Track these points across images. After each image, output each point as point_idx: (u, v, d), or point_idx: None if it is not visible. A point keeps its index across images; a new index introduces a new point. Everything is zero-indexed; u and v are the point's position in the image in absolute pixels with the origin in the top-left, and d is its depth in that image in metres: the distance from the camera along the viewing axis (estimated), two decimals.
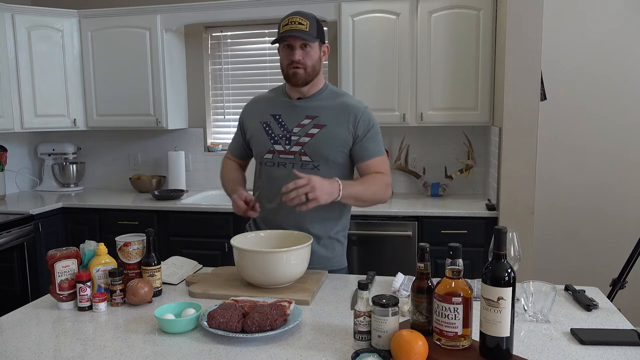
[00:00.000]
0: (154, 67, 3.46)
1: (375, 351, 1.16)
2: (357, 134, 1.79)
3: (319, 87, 1.83)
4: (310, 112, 1.80)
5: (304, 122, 1.79)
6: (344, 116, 1.79)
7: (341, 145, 1.79)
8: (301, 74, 1.74)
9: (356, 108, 1.80)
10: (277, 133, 1.81)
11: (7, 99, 3.28)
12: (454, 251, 1.17)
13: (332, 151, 1.78)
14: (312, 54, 1.74)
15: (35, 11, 3.41)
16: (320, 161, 1.78)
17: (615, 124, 3.23)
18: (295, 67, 1.73)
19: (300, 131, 1.79)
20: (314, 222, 1.80)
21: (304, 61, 1.73)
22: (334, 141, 1.77)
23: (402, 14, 3.10)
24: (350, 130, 1.78)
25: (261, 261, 1.51)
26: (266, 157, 1.83)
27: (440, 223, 2.92)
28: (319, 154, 1.78)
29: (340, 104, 1.81)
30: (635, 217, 3.27)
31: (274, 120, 1.82)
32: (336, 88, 1.89)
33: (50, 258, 1.51)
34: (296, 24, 1.69)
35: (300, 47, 1.72)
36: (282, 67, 1.78)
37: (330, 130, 1.77)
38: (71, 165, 3.82)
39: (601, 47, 3.19)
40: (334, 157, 1.79)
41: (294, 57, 1.72)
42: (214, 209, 3.14)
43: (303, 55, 1.72)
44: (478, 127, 3.37)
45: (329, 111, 1.79)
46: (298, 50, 1.72)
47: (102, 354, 1.22)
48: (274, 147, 1.81)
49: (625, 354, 1.18)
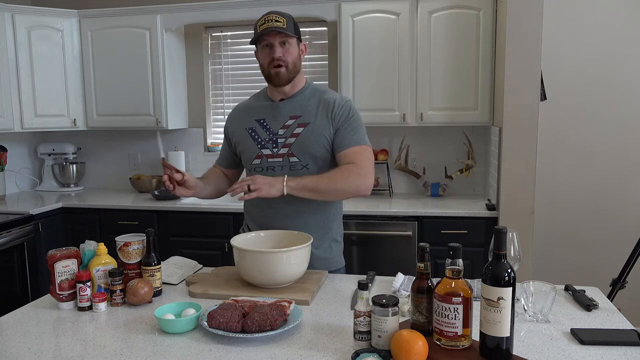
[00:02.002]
0: (154, 67, 3.46)
1: (375, 351, 1.16)
2: (336, 125, 1.75)
3: (300, 86, 1.82)
4: (294, 112, 1.78)
5: (288, 123, 1.78)
6: (324, 110, 1.77)
7: (325, 141, 1.75)
8: (283, 73, 1.73)
9: (333, 100, 1.78)
10: (264, 137, 1.79)
11: (7, 99, 3.28)
12: (454, 251, 1.17)
13: (318, 148, 1.75)
14: (291, 50, 1.74)
15: (35, 11, 3.41)
16: (309, 160, 1.76)
17: (615, 124, 3.23)
18: (277, 65, 1.72)
19: (286, 132, 1.77)
20: (308, 228, 1.76)
21: (284, 58, 1.72)
22: (318, 137, 1.75)
23: (402, 14, 3.10)
24: (330, 123, 1.75)
25: (261, 261, 1.51)
26: (255, 163, 1.80)
27: (440, 223, 2.92)
28: (306, 153, 1.75)
29: (321, 100, 1.79)
30: (635, 217, 3.27)
31: (259, 124, 1.81)
32: (318, 86, 1.88)
33: (50, 258, 1.51)
34: (273, 22, 1.69)
35: (280, 44, 1.71)
36: (263, 68, 1.78)
37: (314, 127, 1.75)
38: (71, 165, 3.82)
39: (601, 47, 3.19)
40: (321, 154, 1.76)
41: (275, 54, 1.71)
42: (214, 209, 3.14)
43: (283, 52, 1.72)
44: (478, 127, 3.37)
45: (312, 108, 1.78)
46: (278, 48, 1.71)
47: (102, 354, 1.22)
48: (262, 152, 1.79)
49: (625, 354, 1.18)
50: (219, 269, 1.80)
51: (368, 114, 3.15)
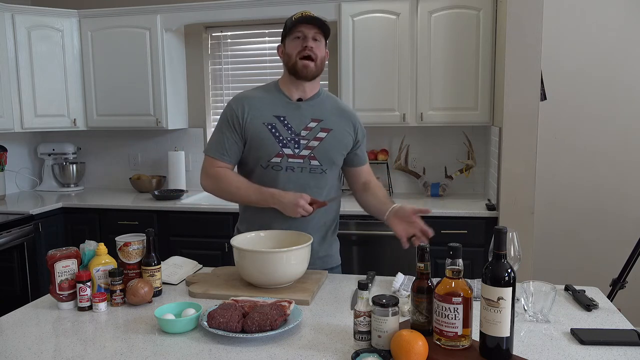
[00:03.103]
0: (154, 67, 3.46)
1: (375, 351, 1.16)
2: (357, 139, 1.84)
3: (317, 89, 1.82)
4: (315, 115, 1.78)
5: (310, 125, 1.76)
6: (345, 121, 1.81)
7: (344, 150, 1.82)
8: (312, 66, 1.71)
9: (353, 115, 1.86)
10: (285, 136, 1.74)
11: (7, 99, 3.28)
12: (454, 251, 1.17)
13: (339, 155, 1.81)
14: (321, 48, 1.74)
15: (35, 11, 3.41)
16: (328, 165, 1.79)
17: (615, 124, 3.23)
18: (307, 56, 1.69)
19: (309, 134, 1.76)
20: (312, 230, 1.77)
21: (315, 52, 1.71)
22: (340, 146, 1.80)
23: (402, 14, 3.10)
24: (352, 136, 1.83)
25: (261, 261, 1.51)
26: (274, 161, 1.74)
27: (440, 223, 2.91)
28: (328, 159, 1.78)
29: (338, 108, 1.84)
30: (635, 217, 3.27)
31: (279, 122, 1.74)
32: (327, 91, 1.90)
33: (50, 258, 1.51)
34: (310, 15, 1.71)
35: (312, 38, 1.70)
36: (290, 59, 1.72)
37: (337, 134, 1.78)
38: (71, 165, 3.82)
39: (601, 47, 3.19)
40: (338, 161, 1.82)
41: (308, 43, 1.69)
42: (214, 209, 3.14)
43: (315, 46, 1.71)
44: (478, 127, 3.37)
45: (331, 115, 1.80)
46: (311, 40, 1.70)
47: (102, 354, 1.22)
48: (283, 151, 1.73)
49: (625, 354, 1.18)
50: (219, 269, 1.80)
51: (368, 114, 3.16)
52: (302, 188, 1.74)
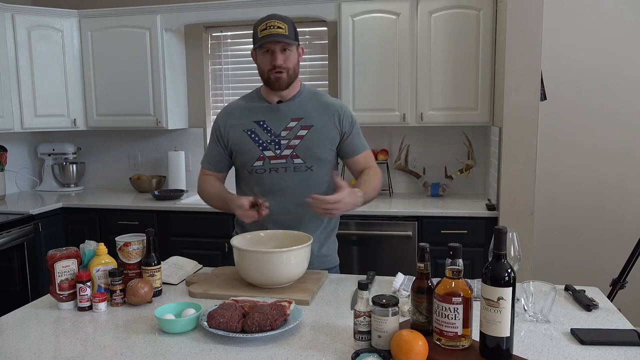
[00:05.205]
0: (154, 67, 3.46)
1: (375, 351, 1.16)
2: (343, 130, 1.83)
3: (297, 88, 1.84)
4: (295, 114, 1.80)
5: (290, 125, 1.79)
6: (327, 115, 1.81)
7: (330, 144, 1.82)
8: (284, 78, 1.74)
9: (337, 106, 1.85)
10: (265, 139, 1.79)
11: (7, 99, 3.28)
12: (454, 251, 1.17)
13: (323, 150, 1.80)
14: (292, 57, 1.75)
15: (35, 11, 3.41)
16: (313, 162, 1.79)
17: (615, 124, 3.23)
18: (278, 71, 1.72)
19: (289, 134, 1.78)
20: (309, 230, 1.80)
21: (286, 65, 1.73)
22: (323, 140, 1.80)
23: (402, 14, 3.10)
24: (337, 128, 1.82)
25: (261, 261, 1.51)
26: (256, 165, 1.80)
27: (440, 223, 2.92)
28: (312, 155, 1.79)
29: (321, 103, 1.84)
30: (635, 217, 3.27)
31: (258, 126, 1.80)
32: (312, 88, 1.90)
33: (50, 258, 1.51)
34: (275, 27, 1.68)
35: (281, 51, 1.71)
36: (262, 72, 1.77)
37: (318, 130, 1.79)
38: (71, 165, 3.82)
39: (601, 47, 3.19)
40: (325, 156, 1.81)
41: (277, 62, 1.71)
42: (213, 209, 3.13)
43: (284, 59, 1.72)
44: (478, 127, 3.37)
45: (313, 111, 1.81)
46: (280, 55, 1.71)
47: (102, 354, 1.22)
48: (264, 154, 1.79)
49: (625, 354, 1.18)
50: (219, 269, 1.80)
51: (368, 114, 3.16)
52: (289, 188, 1.79)
